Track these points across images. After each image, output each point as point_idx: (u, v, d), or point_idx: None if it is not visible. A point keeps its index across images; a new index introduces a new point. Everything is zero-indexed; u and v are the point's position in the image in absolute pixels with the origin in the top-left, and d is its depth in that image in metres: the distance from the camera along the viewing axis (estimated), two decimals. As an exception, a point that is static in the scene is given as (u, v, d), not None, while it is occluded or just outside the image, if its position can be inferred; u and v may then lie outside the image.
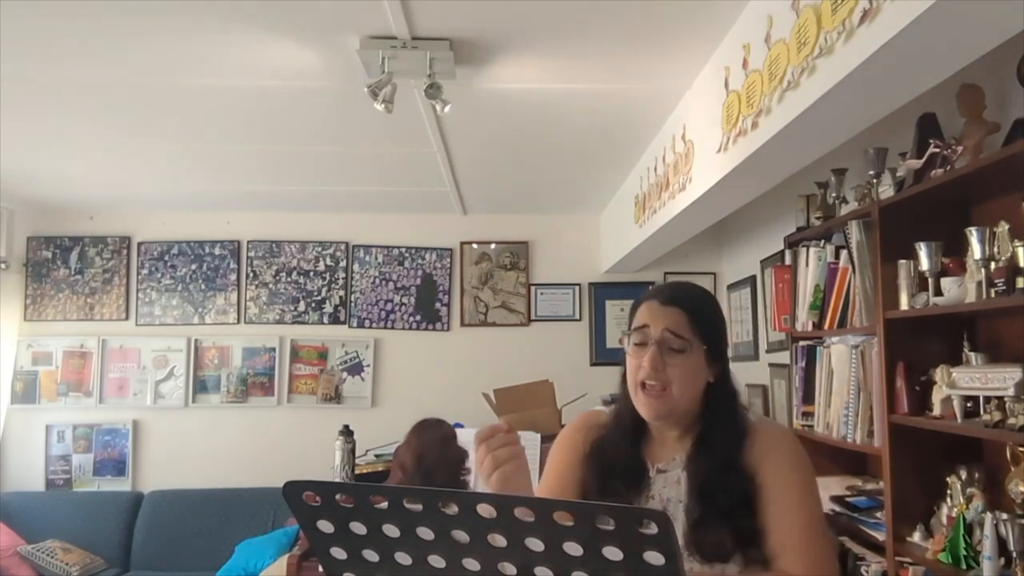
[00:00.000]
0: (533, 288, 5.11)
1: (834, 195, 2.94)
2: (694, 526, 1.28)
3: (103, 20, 2.31)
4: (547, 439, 3.39)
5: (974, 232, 2.05)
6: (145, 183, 4.39)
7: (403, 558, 0.86)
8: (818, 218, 3.05)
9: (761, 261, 4.20)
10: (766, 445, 1.32)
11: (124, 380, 4.95)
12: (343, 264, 5.08)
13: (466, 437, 3.31)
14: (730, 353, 4.96)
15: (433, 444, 2.77)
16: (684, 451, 1.37)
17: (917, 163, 2.30)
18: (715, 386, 1.37)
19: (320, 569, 1.89)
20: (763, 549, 1.27)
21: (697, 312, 1.36)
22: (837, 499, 2.78)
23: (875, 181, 2.57)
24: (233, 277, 5.04)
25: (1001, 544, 1.97)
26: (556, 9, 2.24)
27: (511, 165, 4.00)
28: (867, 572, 2.53)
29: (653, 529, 0.78)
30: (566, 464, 1.44)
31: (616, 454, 1.39)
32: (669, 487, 1.35)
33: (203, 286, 5.03)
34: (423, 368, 5.00)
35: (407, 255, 5.10)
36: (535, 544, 0.81)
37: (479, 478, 1.28)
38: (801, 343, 3.11)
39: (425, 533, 0.84)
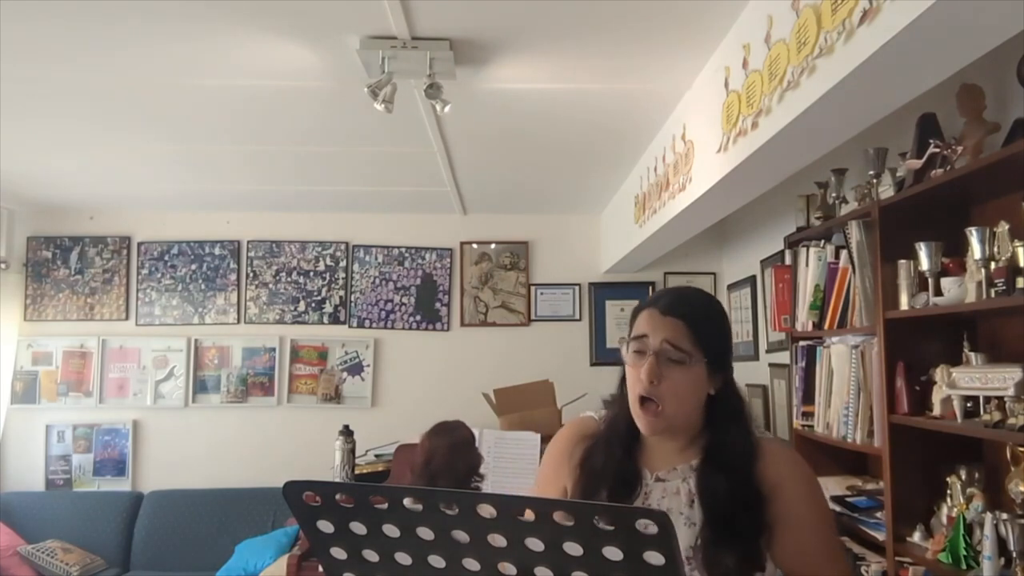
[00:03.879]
0: (533, 288, 5.11)
1: (834, 195, 2.94)
2: (706, 545, 1.24)
3: (103, 21, 2.31)
4: (547, 439, 3.38)
5: (974, 232, 2.05)
6: (145, 183, 4.39)
7: (403, 558, 0.87)
8: (818, 218, 3.05)
9: (761, 261, 4.20)
10: (780, 472, 1.28)
11: (124, 380, 4.95)
12: (343, 264, 5.08)
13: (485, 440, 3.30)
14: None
15: (441, 450, 2.76)
16: (686, 461, 1.32)
17: (917, 163, 2.30)
18: (718, 398, 1.32)
19: (320, 569, 1.89)
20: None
21: (699, 323, 1.30)
22: (837, 499, 2.78)
23: (875, 181, 2.56)
24: (233, 277, 5.04)
25: (1001, 544, 1.97)
26: (556, 9, 2.24)
27: (511, 165, 4.00)
28: (867, 572, 2.52)
29: (653, 529, 0.78)
30: (553, 477, 1.42)
31: (607, 461, 1.34)
32: (669, 497, 1.31)
33: (203, 286, 5.03)
34: (423, 368, 5.00)
35: (407, 255, 5.10)
36: (535, 544, 0.81)
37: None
38: (801, 343, 3.11)
39: (425, 533, 0.84)
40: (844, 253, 2.74)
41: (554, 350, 4.97)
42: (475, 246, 5.13)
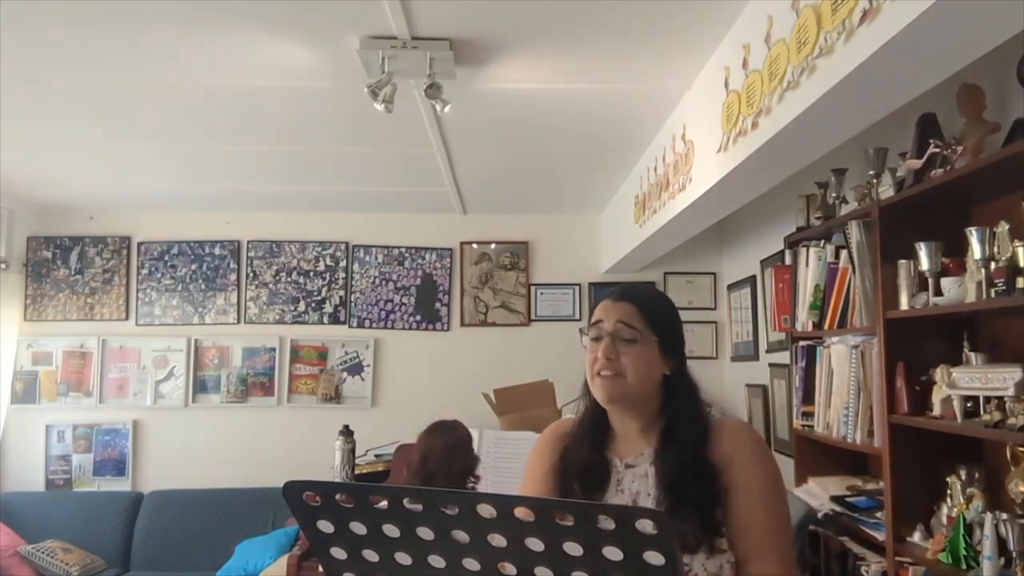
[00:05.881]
0: (533, 288, 5.11)
1: (834, 195, 2.94)
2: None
3: (103, 21, 2.31)
4: (547, 439, 3.39)
5: (974, 232, 2.05)
6: (145, 183, 4.39)
7: (403, 558, 0.87)
8: (818, 218, 3.05)
9: (761, 261, 4.20)
10: (734, 443, 1.36)
11: (124, 380, 4.95)
12: (343, 264, 5.08)
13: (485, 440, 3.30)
14: (729, 353, 4.93)
15: (437, 449, 2.76)
16: (651, 446, 1.41)
17: (917, 163, 2.30)
18: (672, 379, 1.42)
19: (320, 569, 1.89)
20: (735, 547, 1.31)
21: (648, 307, 1.43)
22: (837, 499, 2.78)
23: (875, 181, 2.56)
24: (233, 277, 5.04)
25: (1001, 544, 1.97)
26: (556, 9, 2.24)
27: (511, 165, 4.00)
28: (867, 572, 2.52)
29: (653, 529, 0.78)
30: (533, 478, 1.51)
31: (579, 454, 1.44)
32: (637, 481, 1.39)
33: (203, 286, 5.03)
34: (423, 368, 5.00)
35: (407, 255, 5.10)
36: (535, 544, 0.81)
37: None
38: (801, 343, 3.11)
39: (425, 533, 0.84)
40: (844, 253, 2.74)
41: (554, 350, 4.96)
42: (475, 246, 5.13)
